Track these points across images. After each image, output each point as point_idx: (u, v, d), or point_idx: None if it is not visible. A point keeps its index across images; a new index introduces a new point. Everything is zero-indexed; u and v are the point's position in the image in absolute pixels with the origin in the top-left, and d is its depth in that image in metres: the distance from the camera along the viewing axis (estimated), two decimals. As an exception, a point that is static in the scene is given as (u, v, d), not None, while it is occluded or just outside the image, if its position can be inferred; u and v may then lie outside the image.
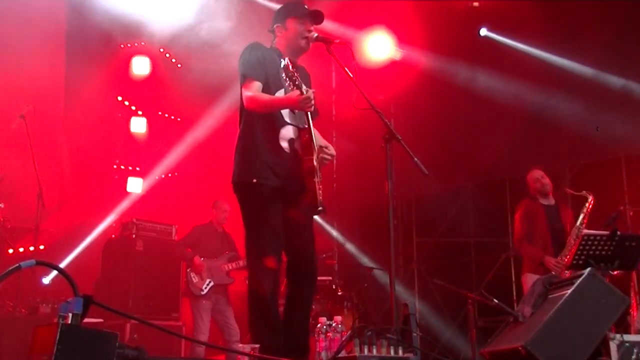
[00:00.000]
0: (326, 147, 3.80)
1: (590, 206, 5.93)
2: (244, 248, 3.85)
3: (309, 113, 3.65)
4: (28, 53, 7.90)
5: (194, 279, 6.79)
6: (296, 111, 3.74)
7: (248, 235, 3.74)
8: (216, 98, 8.51)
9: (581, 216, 5.92)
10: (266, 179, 3.67)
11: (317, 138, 3.83)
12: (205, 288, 6.78)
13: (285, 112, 3.73)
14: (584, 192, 6.05)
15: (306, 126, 3.71)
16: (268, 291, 3.60)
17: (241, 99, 3.80)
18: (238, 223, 3.90)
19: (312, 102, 3.51)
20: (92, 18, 8.02)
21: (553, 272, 5.57)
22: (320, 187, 3.75)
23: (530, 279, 5.80)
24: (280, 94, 3.74)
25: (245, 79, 3.73)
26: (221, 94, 8.38)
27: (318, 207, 3.67)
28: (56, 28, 8.23)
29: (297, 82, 3.49)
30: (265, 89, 3.70)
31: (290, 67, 3.47)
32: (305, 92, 3.49)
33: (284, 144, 3.72)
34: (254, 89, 3.69)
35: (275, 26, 3.91)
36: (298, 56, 3.91)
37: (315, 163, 3.68)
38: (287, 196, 3.73)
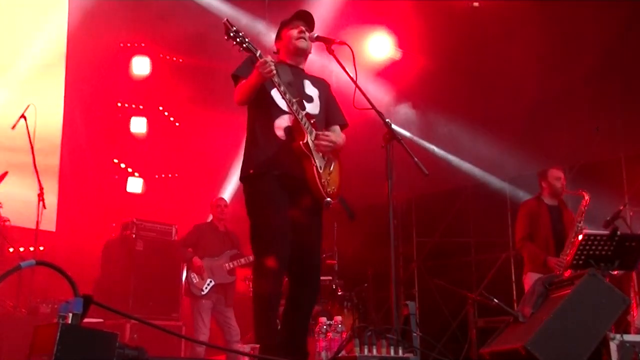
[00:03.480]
0: (324, 134, 3.76)
1: (586, 204, 5.92)
2: (248, 246, 3.83)
3: (292, 100, 3.64)
4: (28, 52, 7.91)
5: (194, 280, 6.78)
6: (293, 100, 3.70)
7: (251, 232, 3.72)
8: (216, 98, 8.51)
9: (578, 214, 5.92)
10: (264, 169, 3.68)
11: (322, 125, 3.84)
12: (206, 288, 6.76)
13: (281, 103, 3.72)
14: (579, 190, 6.05)
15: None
16: (270, 290, 3.57)
17: None
18: (242, 224, 3.89)
19: (271, 66, 3.51)
20: (93, 18, 8.03)
21: (555, 272, 5.55)
22: (329, 178, 3.75)
23: (532, 279, 5.76)
24: (275, 92, 3.73)
25: (234, 79, 3.82)
26: (221, 93, 8.38)
27: (325, 199, 3.69)
28: (57, 28, 8.24)
29: (245, 44, 3.51)
30: (260, 89, 3.70)
31: (230, 25, 3.47)
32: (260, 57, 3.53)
33: (279, 133, 3.72)
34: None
35: (275, 44, 4.02)
36: (301, 59, 3.95)
37: (310, 146, 3.66)
38: (289, 188, 3.70)
